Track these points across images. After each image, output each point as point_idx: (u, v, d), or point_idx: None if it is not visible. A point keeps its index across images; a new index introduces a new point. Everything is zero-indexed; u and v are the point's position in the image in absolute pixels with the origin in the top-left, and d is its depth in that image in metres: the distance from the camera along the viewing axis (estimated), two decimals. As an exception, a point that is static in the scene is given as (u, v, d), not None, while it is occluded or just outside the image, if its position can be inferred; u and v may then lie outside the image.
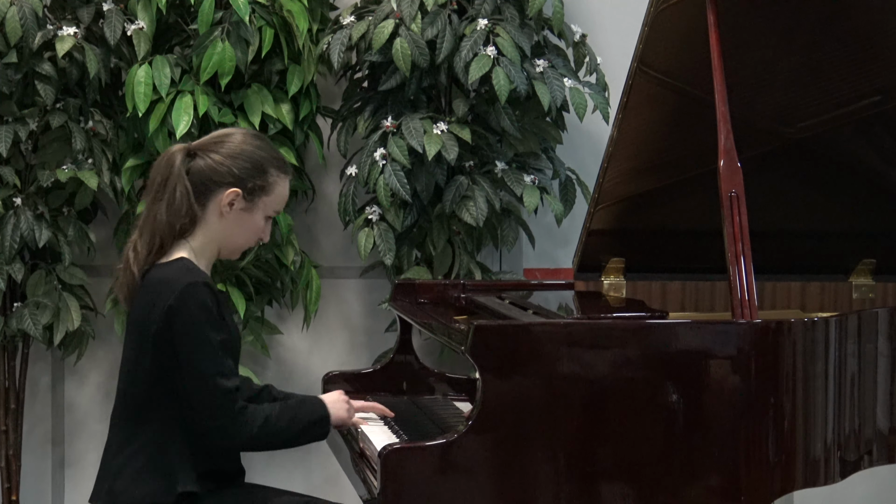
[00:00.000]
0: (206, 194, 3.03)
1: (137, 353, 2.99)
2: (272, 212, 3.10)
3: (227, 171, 3.02)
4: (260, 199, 3.06)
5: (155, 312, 2.94)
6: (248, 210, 3.06)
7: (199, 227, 3.04)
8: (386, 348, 4.39)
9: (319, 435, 3.09)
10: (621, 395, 2.83)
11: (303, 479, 4.71)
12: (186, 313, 2.91)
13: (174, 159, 3.02)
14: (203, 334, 2.92)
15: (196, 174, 3.02)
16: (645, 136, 3.49)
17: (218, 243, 3.07)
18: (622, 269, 3.67)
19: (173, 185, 3.00)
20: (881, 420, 3.10)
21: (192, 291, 2.92)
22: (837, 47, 3.39)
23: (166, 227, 3.00)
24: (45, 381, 4.81)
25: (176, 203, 3.00)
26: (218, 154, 3.04)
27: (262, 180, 3.05)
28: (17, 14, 4.21)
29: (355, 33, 4.35)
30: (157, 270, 3.00)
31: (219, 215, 3.04)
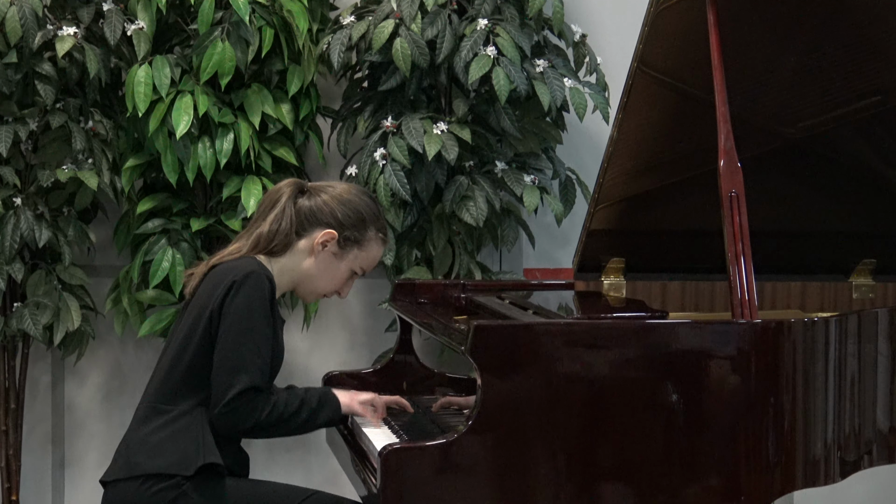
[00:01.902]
0: (305, 228, 3.13)
1: (191, 330, 3.03)
2: (359, 268, 3.20)
3: (331, 212, 3.13)
4: (353, 250, 3.16)
5: (218, 291, 3.00)
6: (338, 256, 3.15)
7: (288, 253, 3.13)
8: (386, 348, 4.39)
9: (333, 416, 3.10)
10: (621, 395, 2.83)
11: (303, 478, 4.71)
12: (245, 293, 2.98)
13: (283, 191, 3.15)
14: (253, 319, 2.98)
15: (302, 208, 3.13)
16: (645, 136, 3.49)
17: (298, 277, 3.16)
18: (622, 269, 3.67)
19: (281, 208, 3.12)
20: (881, 420, 3.10)
21: (258, 278, 3.00)
22: (837, 47, 3.39)
23: (263, 237, 3.10)
24: (45, 381, 4.81)
25: (280, 223, 3.11)
26: (327, 195, 3.15)
27: (360, 233, 3.16)
28: (17, 14, 4.21)
29: (355, 33, 4.35)
30: (226, 263, 3.09)
31: (310, 251, 3.14)
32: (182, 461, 2.96)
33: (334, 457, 3.52)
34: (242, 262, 3.06)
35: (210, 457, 2.97)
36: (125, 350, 4.80)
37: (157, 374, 3.10)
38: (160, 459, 2.97)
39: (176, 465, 2.96)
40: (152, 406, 3.05)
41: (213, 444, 2.98)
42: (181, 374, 3.02)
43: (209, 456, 2.97)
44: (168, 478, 2.95)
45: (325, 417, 3.10)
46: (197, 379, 3.01)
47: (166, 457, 2.97)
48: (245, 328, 2.97)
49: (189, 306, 3.10)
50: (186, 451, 2.97)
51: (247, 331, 2.97)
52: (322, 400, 3.09)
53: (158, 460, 2.97)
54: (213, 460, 2.97)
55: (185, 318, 3.09)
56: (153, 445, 2.99)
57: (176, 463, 2.96)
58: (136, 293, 4.45)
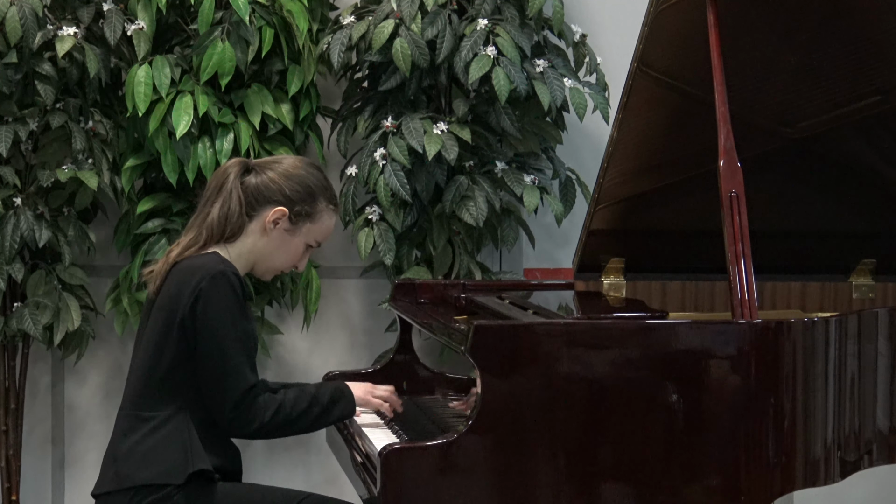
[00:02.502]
0: (254, 208, 3.09)
1: (161, 337, 2.99)
2: (313, 241, 3.17)
3: (279, 189, 3.09)
4: (305, 224, 3.13)
5: (183, 297, 2.97)
6: (291, 232, 3.12)
7: (241, 237, 3.09)
8: (386, 348, 4.39)
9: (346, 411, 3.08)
10: (621, 395, 2.83)
11: (303, 478, 4.71)
12: (217, 298, 2.95)
13: (230, 171, 3.11)
14: (232, 321, 2.95)
15: (249, 188, 3.09)
16: (645, 136, 3.49)
17: (254, 258, 3.12)
18: (622, 269, 3.67)
19: (227, 191, 3.08)
20: (881, 420, 3.10)
21: (224, 278, 2.97)
22: (837, 47, 3.39)
23: (215, 227, 3.07)
24: (45, 381, 4.81)
25: (229, 207, 3.07)
26: (273, 172, 3.11)
27: (311, 206, 3.12)
28: (17, 14, 4.21)
29: (355, 33, 4.35)
30: (189, 260, 3.05)
31: (262, 231, 3.10)
32: (171, 469, 2.94)
33: (334, 457, 3.52)
34: (204, 260, 3.02)
35: (199, 463, 2.94)
36: (125, 350, 4.80)
37: (132, 379, 3.05)
38: (149, 469, 2.94)
39: (165, 475, 2.93)
40: (134, 414, 3.01)
41: (200, 448, 2.96)
42: (159, 381, 2.99)
43: (198, 462, 2.95)
44: (158, 488, 2.93)
45: (339, 413, 3.08)
46: (176, 384, 2.98)
47: (155, 466, 2.94)
48: (226, 334, 2.94)
49: (155, 307, 3.05)
50: (175, 458, 2.94)
51: (229, 336, 2.94)
52: (335, 396, 3.06)
53: (147, 470, 2.94)
54: (202, 467, 2.94)
55: (153, 321, 3.04)
56: (141, 455, 2.96)
57: (165, 472, 2.94)
58: (136, 293, 4.45)
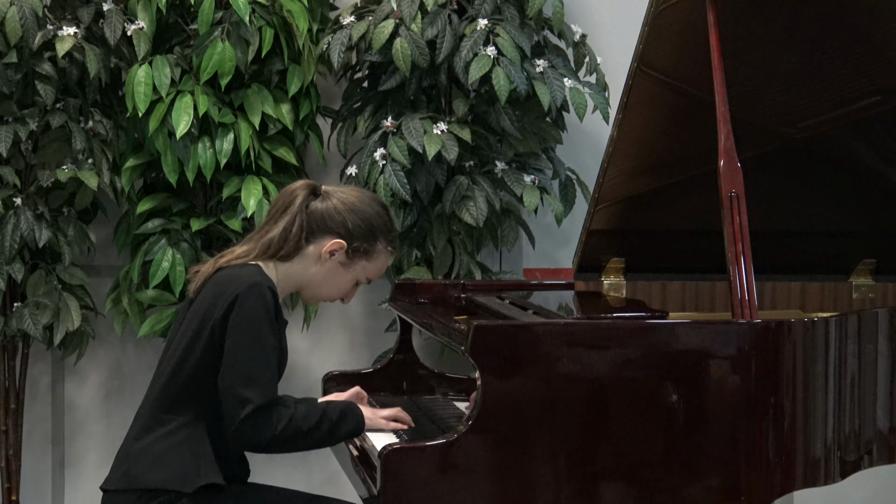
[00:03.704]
0: (314, 234, 3.08)
1: (192, 340, 2.99)
2: (364, 278, 3.16)
3: (342, 221, 3.08)
4: (360, 260, 3.12)
5: (220, 303, 2.96)
6: (346, 266, 3.11)
7: (295, 259, 3.08)
8: (386, 348, 4.39)
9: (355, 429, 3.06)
10: (621, 395, 2.83)
11: (303, 478, 4.71)
12: (249, 307, 2.94)
13: (298, 193, 3.10)
14: (260, 331, 2.94)
15: (313, 213, 3.08)
16: (645, 136, 3.49)
17: (303, 282, 3.12)
18: (622, 269, 3.67)
19: (293, 213, 3.07)
20: (881, 420, 3.10)
21: (260, 290, 2.96)
22: (837, 47, 3.39)
23: (272, 244, 3.06)
24: (45, 381, 4.81)
25: (291, 229, 3.06)
26: (339, 201, 3.10)
27: (369, 245, 3.11)
28: (17, 14, 4.21)
29: (355, 33, 4.35)
30: (230, 269, 3.05)
31: (317, 258, 3.09)
32: (181, 476, 2.93)
33: (334, 457, 3.51)
34: (245, 272, 3.02)
35: (210, 476, 2.94)
36: (125, 350, 4.80)
37: (159, 379, 3.06)
38: (159, 473, 2.94)
39: (174, 481, 2.93)
40: (153, 415, 3.01)
41: (213, 460, 2.96)
42: (181, 384, 2.99)
43: (209, 475, 2.94)
44: (166, 493, 2.93)
45: (347, 430, 3.04)
46: (197, 390, 2.97)
47: (165, 470, 2.94)
48: (252, 343, 2.93)
49: (191, 309, 3.07)
50: (186, 465, 2.94)
51: (254, 345, 2.93)
52: (344, 413, 3.04)
53: (157, 474, 2.94)
54: (213, 480, 2.94)
55: (186, 323, 3.05)
56: (153, 458, 2.96)
57: (175, 477, 2.93)
58: (136, 293, 4.45)
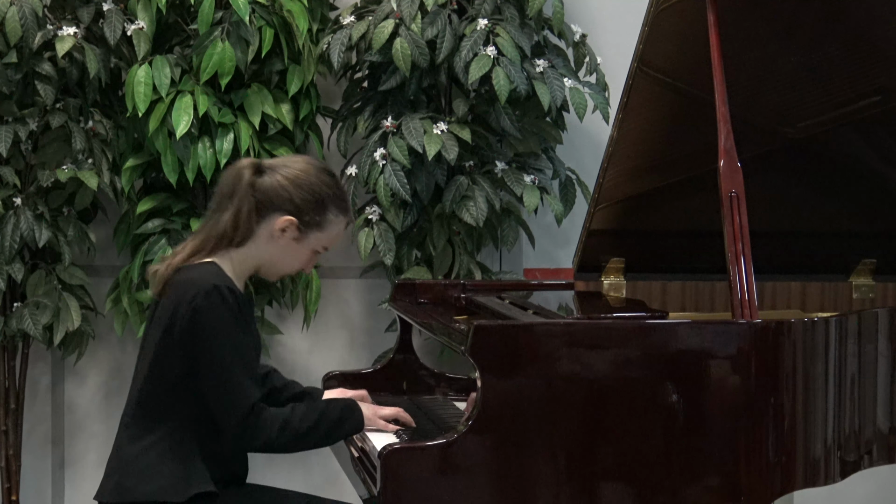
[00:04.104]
0: (263, 214, 3.05)
1: (162, 350, 2.98)
2: (321, 248, 3.13)
3: (289, 197, 3.04)
4: (313, 233, 3.08)
5: (180, 312, 2.94)
6: (299, 241, 3.08)
7: (249, 243, 3.06)
8: (386, 348, 4.39)
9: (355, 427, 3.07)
10: (621, 395, 2.83)
11: (303, 479, 4.71)
12: (214, 314, 2.92)
13: (243, 174, 3.05)
14: (229, 337, 2.93)
15: (260, 192, 3.04)
16: (645, 136, 3.49)
17: (260, 262, 3.10)
18: (622, 269, 3.67)
19: (240, 198, 3.03)
20: (881, 420, 3.10)
21: (217, 293, 2.93)
22: (837, 47, 3.39)
23: (223, 235, 3.03)
24: (45, 381, 4.81)
25: (241, 217, 3.03)
26: (284, 177, 3.05)
27: (320, 216, 3.07)
28: (17, 14, 4.21)
29: (355, 33, 4.35)
30: (187, 270, 3.02)
31: (269, 237, 3.06)
32: (172, 486, 2.93)
33: (334, 457, 3.51)
34: (200, 273, 2.98)
35: (201, 485, 2.94)
36: (125, 350, 4.80)
37: (137, 387, 3.05)
38: (150, 485, 2.94)
39: (166, 492, 2.93)
40: (138, 423, 3.01)
41: (203, 468, 2.95)
42: (162, 392, 2.98)
43: (200, 484, 2.94)
44: None
45: (348, 430, 3.05)
46: (178, 397, 2.96)
47: (156, 482, 2.93)
48: (224, 352, 2.91)
49: (155, 316, 3.05)
50: (176, 475, 2.94)
51: (227, 353, 2.92)
52: (344, 413, 3.04)
53: (148, 485, 2.94)
54: (204, 489, 2.94)
55: (153, 330, 3.03)
56: (142, 468, 2.95)
57: (166, 488, 2.93)
58: (136, 293, 4.45)
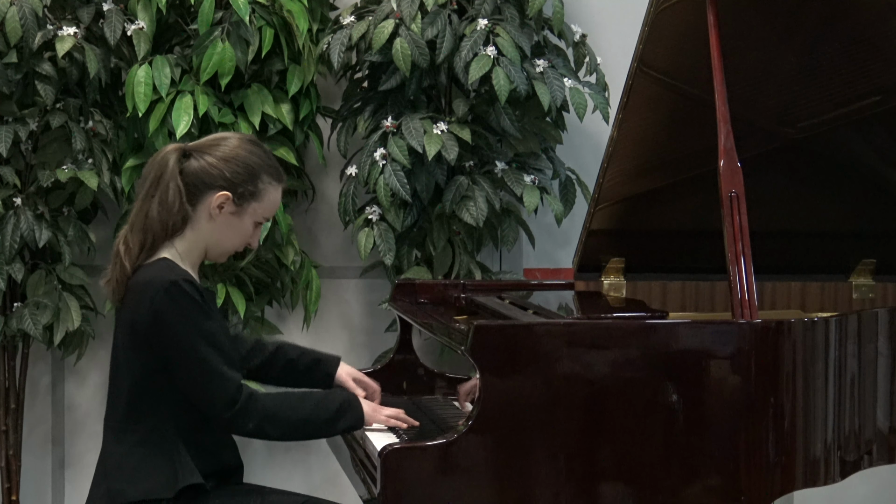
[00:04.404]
0: (197, 195, 3.02)
1: (130, 351, 2.98)
2: (262, 218, 3.10)
3: (220, 174, 3.02)
4: (250, 204, 3.05)
5: (142, 313, 2.94)
6: (238, 214, 3.05)
7: (188, 227, 3.03)
8: (386, 348, 4.39)
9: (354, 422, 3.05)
10: (621, 395, 2.83)
11: (303, 479, 4.71)
12: (176, 311, 2.91)
13: (168, 158, 3.02)
14: (196, 328, 2.92)
15: (189, 175, 3.02)
16: (645, 136, 3.49)
17: (205, 245, 3.07)
18: (622, 269, 3.67)
19: (166, 182, 3.00)
20: (881, 420, 3.10)
21: (176, 288, 2.92)
22: (837, 47, 3.39)
23: (158, 224, 3.00)
24: (45, 381, 4.81)
25: (169, 201, 2.99)
26: (212, 156, 3.03)
27: (254, 186, 3.05)
28: (17, 14, 4.21)
29: (355, 33, 4.35)
30: (142, 272, 3.00)
31: (208, 217, 3.03)
32: (162, 484, 2.93)
33: (334, 457, 3.51)
34: (154, 272, 2.97)
35: (189, 478, 2.93)
36: (125, 350, 4.80)
37: (112, 390, 3.04)
38: (140, 485, 2.93)
39: (156, 489, 2.93)
40: (118, 426, 3.00)
41: (189, 461, 2.94)
42: (137, 394, 2.97)
43: (188, 477, 2.93)
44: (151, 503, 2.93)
45: (346, 425, 3.05)
46: (156, 395, 2.96)
47: (144, 482, 2.93)
48: (194, 342, 2.91)
49: (118, 320, 3.05)
50: (163, 473, 2.93)
51: (198, 342, 2.91)
52: (343, 407, 3.03)
53: (138, 486, 2.93)
54: (192, 482, 2.93)
55: (120, 335, 3.03)
56: (130, 470, 2.95)
57: (156, 487, 2.93)
58: (136, 293, 4.45)
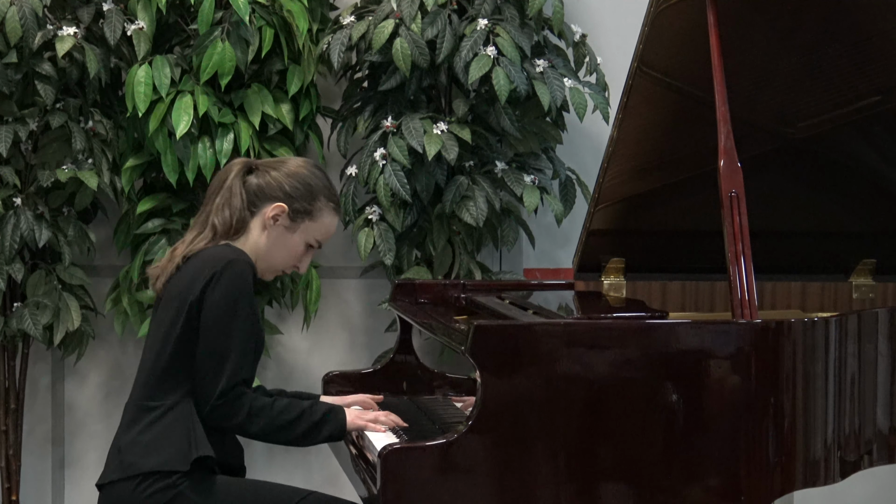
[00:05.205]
0: (255, 205, 3.12)
1: (170, 326, 3.02)
2: (313, 240, 3.19)
3: (279, 186, 3.13)
4: (304, 221, 3.15)
5: (196, 283, 3.00)
6: (290, 230, 3.14)
7: (243, 234, 3.12)
8: (386, 348, 4.39)
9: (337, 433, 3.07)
10: (621, 395, 2.83)
11: (303, 478, 4.71)
12: (229, 282, 2.98)
13: (231, 169, 3.15)
14: (241, 308, 2.98)
15: (250, 186, 3.13)
16: (645, 136, 3.49)
17: (255, 255, 3.13)
18: (622, 269, 3.67)
19: (228, 188, 3.12)
20: (881, 420, 3.10)
21: (239, 266, 3.00)
22: (837, 47, 3.39)
23: (218, 223, 3.09)
24: (45, 381, 4.81)
25: (231, 204, 3.10)
26: (276, 171, 3.15)
27: (310, 204, 3.15)
28: (17, 14, 4.21)
29: (355, 33, 4.35)
30: (202, 252, 3.08)
31: (262, 227, 3.12)
32: (176, 456, 2.95)
33: (334, 457, 3.52)
34: (219, 251, 3.06)
35: (203, 449, 2.96)
36: (125, 350, 4.80)
37: (141, 372, 3.08)
38: (154, 457, 2.96)
39: (171, 461, 2.95)
40: (139, 404, 3.04)
41: (203, 436, 2.98)
42: (164, 368, 3.01)
43: (201, 448, 2.96)
44: (164, 475, 2.94)
45: (328, 434, 3.06)
46: (181, 371, 3.00)
47: (160, 454, 2.96)
48: (229, 321, 2.97)
49: (164, 300, 3.08)
50: (179, 445, 2.96)
51: (232, 323, 2.97)
52: (327, 416, 3.05)
53: (153, 458, 2.96)
54: (205, 453, 2.96)
55: (162, 312, 3.07)
56: (145, 444, 2.98)
57: (170, 459, 2.95)
58: (136, 293, 4.45)
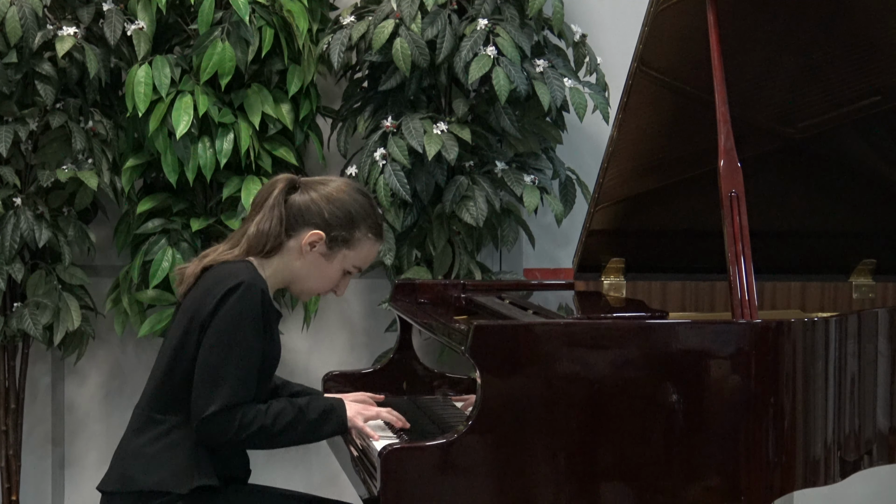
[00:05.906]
0: (294, 227, 3.06)
1: (183, 340, 2.98)
2: (352, 267, 3.12)
3: (318, 211, 3.06)
4: (341, 250, 3.09)
5: (207, 301, 2.95)
6: (327, 258, 3.08)
7: (278, 255, 3.06)
8: (386, 348, 4.39)
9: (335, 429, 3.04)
10: (621, 395, 2.83)
11: (303, 478, 4.71)
12: (233, 305, 2.92)
13: (276, 185, 3.09)
14: (242, 332, 2.93)
15: (292, 206, 3.07)
16: (645, 136, 3.49)
17: (289, 277, 3.10)
18: (622, 269, 3.67)
19: (270, 206, 3.05)
20: (881, 420, 3.10)
21: (248, 290, 2.94)
22: (837, 47, 3.39)
23: (253, 240, 3.05)
24: (45, 381, 4.81)
25: (271, 223, 3.04)
26: (316, 193, 3.08)
27: (349, 233, 3.08)
28: (17, 14, 4.21)
29: (355, 33, 4.36)
30: (220, 266, 3.03)
31: (298, 252, 3.07)
32: (175, 477, 2.94)
33: (334, 457, 3.52)
34: (235, 268, 3.00)
35: (204, 478, 2.94)
36: (125, 350, 4.80)
37: (153, 378, 3.05)
38: (154, 475, 2.94)
39: (169, 482, 2.93)
40: (147, 415, 3.01)
41: (208, 461, 2.95)
42: (175, 384, 2.98)
43: (203, 477, 2.94)
44: (162, 495, 2.93)
45: (329, 431, 3.04)
46: (187, 392, 2.96)
47: (160, 472, 2.94)
48: (230, 341, 2.91)
49: (181, 308, 3.06)
50: (180, 466, 2.94)
51: (232, 344, 2.91)
52: (326, 413, 3.02)
53: (153, 475, 2.94)
54: (206, 482, 2.94)
55: (177, 323, 3.04)
56: (148, 458, 2.96)
57: (169, 479, 2.93)
58: (136, 293, 4.45)
